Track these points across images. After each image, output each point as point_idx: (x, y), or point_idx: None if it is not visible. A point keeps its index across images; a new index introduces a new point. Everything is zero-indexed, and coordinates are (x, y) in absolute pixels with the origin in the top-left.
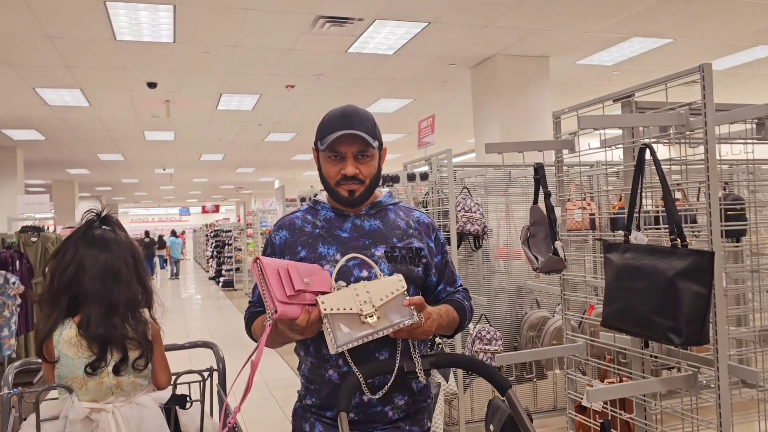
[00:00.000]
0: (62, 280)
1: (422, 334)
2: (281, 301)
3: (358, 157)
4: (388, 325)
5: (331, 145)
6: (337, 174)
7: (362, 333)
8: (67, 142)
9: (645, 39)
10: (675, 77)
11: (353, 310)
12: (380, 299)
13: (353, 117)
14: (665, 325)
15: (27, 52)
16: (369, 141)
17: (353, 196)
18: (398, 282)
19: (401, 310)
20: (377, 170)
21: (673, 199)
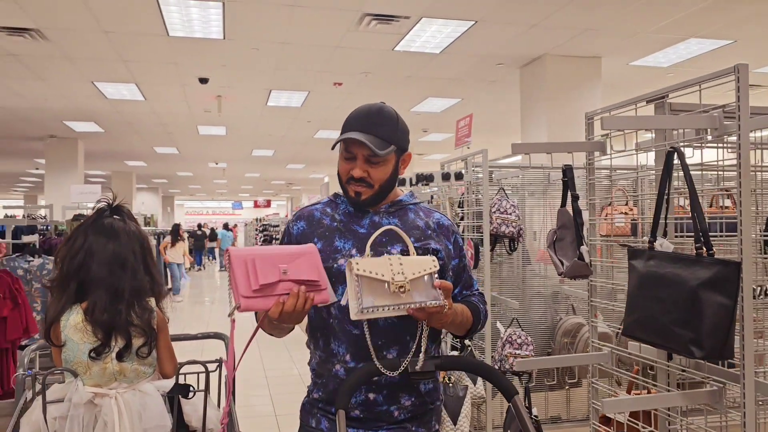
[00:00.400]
0: (71, 266)
1: (438, 321)
2: (245, 296)
3: (369, 160)
4: (414, 302)
5: (345, 144)
6: (347, 173)
7: (388, 303)
8: (125, 134)
9: (703, 40)
10: (709, 78)
11: (384, 277)
12: (413, 273)
13: (374, 119)
14: (686, 337)
15: (85, 46)
16: (375, 150)
17: (359, 198)
18: (431, 261)
19: (429, 290)
20: (390, 175)
21: (699, 206)
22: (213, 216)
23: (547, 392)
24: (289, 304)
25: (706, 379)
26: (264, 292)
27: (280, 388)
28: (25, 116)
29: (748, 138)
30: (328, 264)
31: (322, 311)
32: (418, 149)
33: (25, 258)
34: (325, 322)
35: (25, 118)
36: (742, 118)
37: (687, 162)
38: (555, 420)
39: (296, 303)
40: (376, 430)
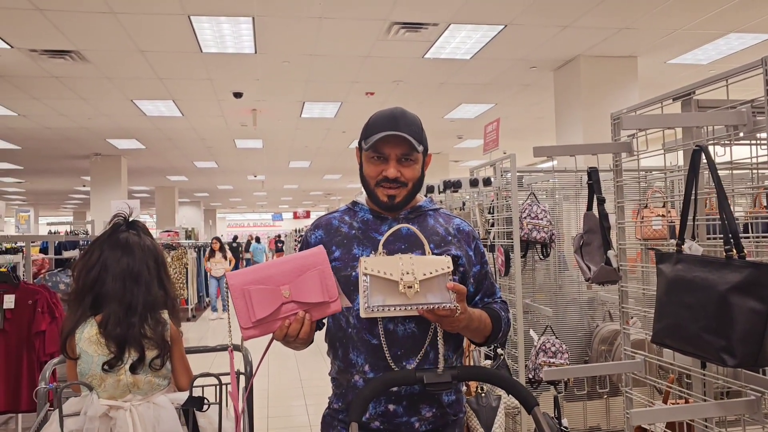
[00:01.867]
0: (86, 280)
1: (450, 324)
2: (245, 327)
3: (401, 159)
4: (424, 303)
5: (375, 145)
6: (378, 174)
7: (396, 303)
8: (166, 150)
9: (743, 35)
10: (736, 72)
11: (393, 277)
12: (423, 274)
13: (400, 120)
14: (717, 345)
15: (123, 66)
16: (414, 144)
17: (393, 201)
18: (445, 262)
19: (441, 291)
20: (420, 174)
21: (728, 206)
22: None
23: (586, 402)
24: (293, 329)
25: (744, 387)
26: (264, 321)
27: (316, 398)
28: (70, 135)
29: None
30: (347, 272)
31: (341, 320)
32: (453, 156)
33: (67, 273)
34: (344, 331)
35: (71, 138)
36: None
37: (716, 160)
38: (594, 430)
39: (300, 328)
40: None
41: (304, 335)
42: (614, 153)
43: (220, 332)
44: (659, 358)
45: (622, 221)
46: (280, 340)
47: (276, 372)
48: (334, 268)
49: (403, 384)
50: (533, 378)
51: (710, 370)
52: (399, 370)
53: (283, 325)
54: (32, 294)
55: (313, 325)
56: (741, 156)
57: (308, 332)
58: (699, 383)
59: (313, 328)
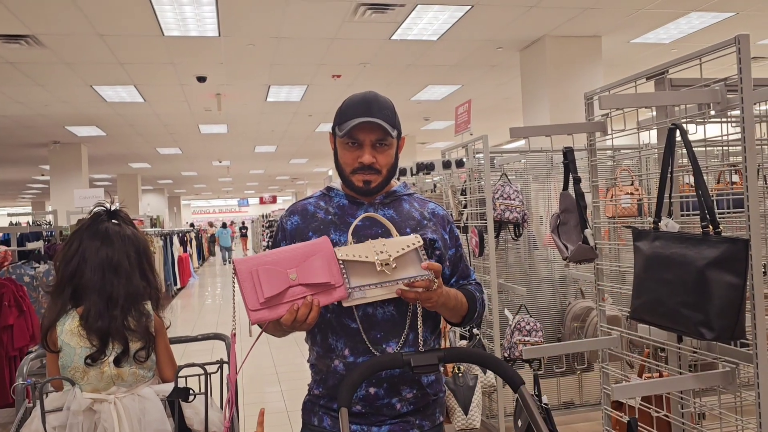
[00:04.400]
0: (66, 271)
1: (428, 301)
2: (253, 309)
3: (375, 145)
4: (402, 277)
5: (350, 132)
6: (354, 161)
7: (376, 281)
8: (128, 137)
9: (705, 13)
10: (710, 51)
11: (368, 258)
12: (397, 251)
13: (373, 104)
14: (695, 319)
15: (81, 50)
16: (388, 130)
17: (368, 186)
18: (414, 239)
19: (416, 266)
20: (394, 159)
21: (704, 183)
22: (220, 214)
23: (559, 378)
24: (302, 313)
25: (718, 359)
26: (272, 303)
27: (292, 384)
28: (27, 123)
29: (752, 111)
30: None
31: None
32: (420, 138)
33: (31, 265)
34: (323, 317)
35: (28, 125)
36: (744, 90)
37: (690, 138)
38: (568, 405)
39: (309, 312)
40: (379, 425)
41: (312, 320)
42: (589, 133)
43: (199, 321)
44: (636, 334)
45: (597, 200)
46: (288, 324)
47: (250, 359)
48: None
49: (390, 368)
50: (509, 356)
51: (684, 343)
52: (387, 353)
53: (292, 308)
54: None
55: (320, 311)
56: (710, 134)
57: (315, 317)
58: (675, 357)
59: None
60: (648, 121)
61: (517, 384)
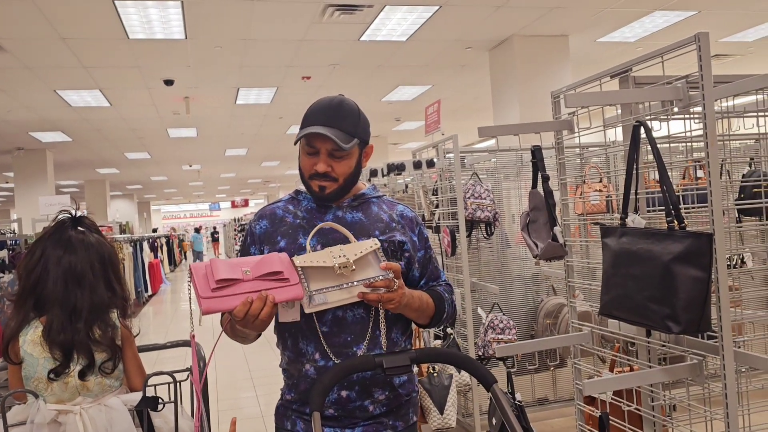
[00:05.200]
0: (28, 281)
1: (390, 302)
2: (204, 297)
3: (332, 153)
4: (362, 279)
5: (306, 139)
6: (311, 168)
7: (336, 283)
8: (94, 142)
9: (668, 12)
10: (671, 49)
11: (327, 263)
12: (355, 254)
13: (334, 113)
14: (662, 313)
15: (44, 54)
16: (340, 144)
17: (323, 192)
18: (372, 242)
19: (376, 268)
20: (354, 168)
21: (669, 179)
22: (191, 219)
23: (533, 374)
24: (255, 306)
25: (686, 352)
26: (224, 292)
27: (267, 388)
28: None
29: (713, 107)
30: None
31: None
32: (391, 139)
33: None
34: (292, 322)
35: None
36: (705, 87)
37: (654, 135)
38: (542, 401)
39: (263, 305)
40: (352, 427)
41: (265, 316)
42: (556, 131)
43: (172, 327)
44: (605, 329)
45: (566, 198)
46: (240, 318)
47: (224, 364)
48: None
49: (362, 370)
50: (483, 355)
51: (654, 337)
52: (358, 356)
53: (246, 300)
54: None
55: (274, 310)
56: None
57: (269, 313)
58: (644, 351)
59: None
60: (613, 119)
61: (490, 382)
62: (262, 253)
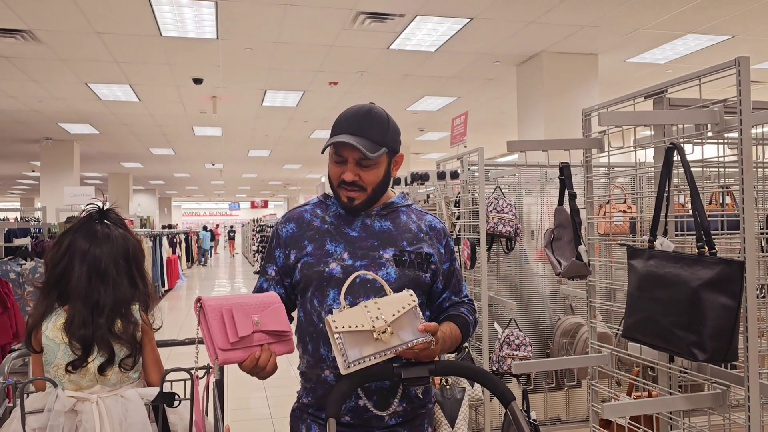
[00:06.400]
0: (53, 273)
1: (426, 357)
2: (222, 349)
3: (360, 162)
4: (401, 343)
5: (334, 146)
6: (339, 177)
7: (374, 351)
8: (121, 136)
9: (701, 36)
10: (709, 72)
11: (365, 327)
12: (392, 315)
13: (362, 122)
14: (688, 340)
15: (78, 47)
16: (366, 153)
17: (352, 204)
18: (409, 297)
19: (413, 326)
20: (382, 177)
21: (701, 203)
22: (210, 217)
23: (546, 393)
24: (264, 359)
25: (708, 381)
26: (240, 345)
27: (276, 390)
28: (20, 118)
29: (750, 133)
30: (320, 267)
31: (312, 315)
32: (414, 148)
33: (17, 261)
34: (315, 326)
35: (21, 121)
36: (743, 112)
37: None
38: (554, 421)
39: (269, 359)
40: None
41: (271, 367)
42: (585, 149)
43: (186, 323)
44: (626, 352)
45: (592, 217)
46: (248, 369)
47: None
48: (307, 263)
49: (380, 379)
50: (497, 370)
51: (675, 363)
52: (377, 365)
53: (253, 357)
54: None
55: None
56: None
57: (274, 365)
58: (665, 376)
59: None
60: (644, 140)
61: (508, 399)
62: (287, 258)
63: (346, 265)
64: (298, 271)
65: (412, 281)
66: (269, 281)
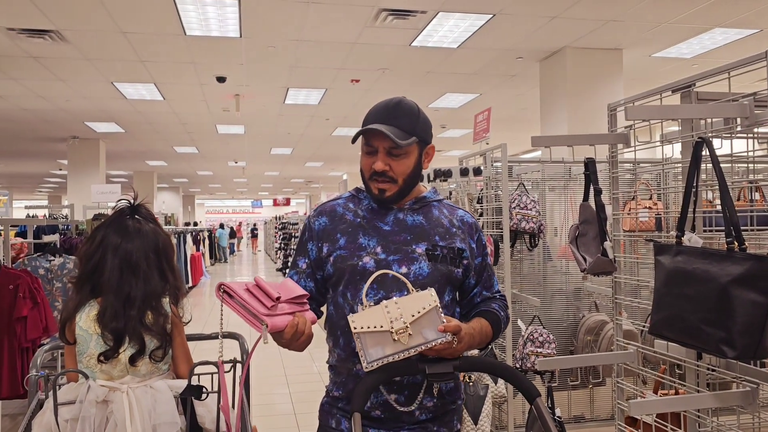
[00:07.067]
0: (87, 267)
1: (449, 355)
2: (265, 314)
3: (390, 152)
4: (420, 343)
5: (365, 137)
6: (370, 168)
7: (394, 351)
8: (145, 134)
9: (728, 30)
10: (739, 65)
11: (384, 328)
12: (412, 315)
13: (392, 111)
14: (717, 336)
15: (104, 47)
16: (395, 140)
17: (383, 195)
18: (430, 297)
19: (434, 326)
20: (413, 168)
21: (730, 199)
22: (233, 215)
23: (570, 391)
24: (301, 323)
25: (738, 379)
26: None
27: (300, 386)
28: (47, 118)
29: None
30: (353, 261)
31: (345, 309)
32: (436, 146)
33: (46, 257)
34: (347, 320)
35: (48, 120)
36: None
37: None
38: (578, 419)
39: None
40: (396, 430)
41: (309, 332)
42: (611, 144)
43: (210, 320)
44: (653, 349)
45: (617, 212)
46: (289, 335)
47: (259, 360)
48: (340, 256)
49: (405, 374)
50: (520, 367)
51: (703, 361)
52: (402, 360)
53: (293, 321)
54: (14, 279)
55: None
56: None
57: (311, 331)
58: (693, 374)
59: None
60: (671, 135)
61: (533, 396)
62: (320, 251)
63: (380, 259)
64: (331, 265)
65: (444, 276)
66: (299, 274)
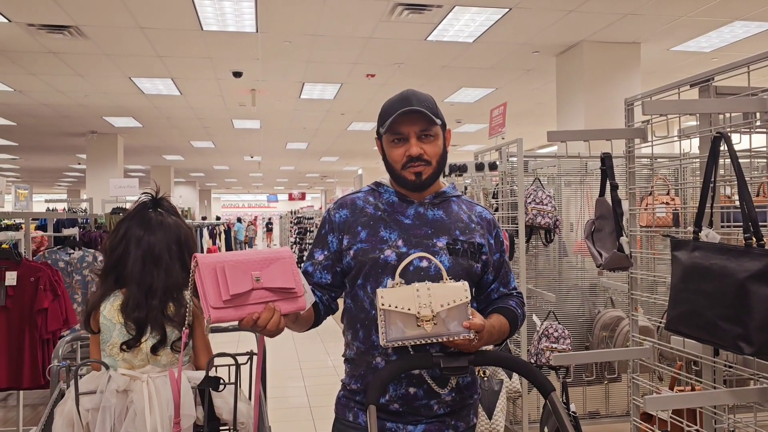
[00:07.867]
0: (111, 259)
1: (467, 350)
2: (215, 307)
3: (421, 137)
4: (443, 334)
5: (393, 127)
6: (402, 156)
7: (414, 334)
8: (163, 129)
9: (749, 23)
10: (759, 59)
11: (411, 311)
12: (440, 305)
13: (412, 98)
14: (733, 332)
15: (122, 42)
16: (431, 117)
17: (420, 179)
18: (463, 291)
19: (459, 320)
20: (443, 151)
21: (749, 194)
22: (249, 209)
23: (585, 387)
24: (263, 318)
25: (755, 375)
26: (236, 302)
27: (315, 380)
28: (66, 113)
29: None
30: (374, 254)
31: (365, 302)
32: (451, 140)
33: (66, 250)
34: (367, 313)
35: (67, 115)
36: None
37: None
38: (593, 415)
39: (271, 318)
40: (415, 424)
41: (273, 326)
42: (628, 139)
43: None
44: (669, 345)
45: (634, 208)
46: (247, 327)
47: (274, 353)
48: (361, 249)
49: (420, 368)
50: (535, 362)
51: (720, 357)
52: (417, 354)
53: (251, 317)
54: (34, 271)
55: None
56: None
57: (277, 323)
58: (709, 370)
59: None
60: (689, 129)
61: (548, 390)
62: (340, 243)
63: (401, 253)
64: (351, 258)
65: (464, 270)
66: (315, 266)
